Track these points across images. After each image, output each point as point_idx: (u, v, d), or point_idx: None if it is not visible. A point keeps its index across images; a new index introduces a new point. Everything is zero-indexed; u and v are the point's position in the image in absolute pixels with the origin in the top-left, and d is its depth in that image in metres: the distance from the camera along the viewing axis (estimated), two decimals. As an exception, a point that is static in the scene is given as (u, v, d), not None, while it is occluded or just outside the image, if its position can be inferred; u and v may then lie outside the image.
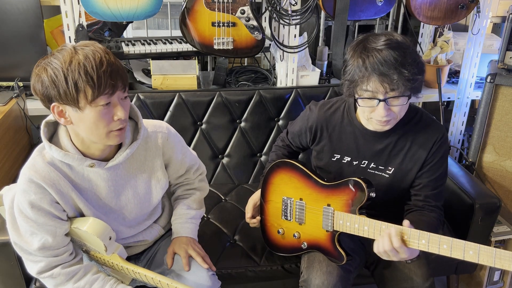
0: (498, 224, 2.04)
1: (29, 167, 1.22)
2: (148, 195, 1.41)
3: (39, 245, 1.24)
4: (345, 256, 1.43)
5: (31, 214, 1.22)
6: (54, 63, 1.12)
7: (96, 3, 1.90)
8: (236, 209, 1.96)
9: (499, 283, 2.10)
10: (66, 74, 1.10)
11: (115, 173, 1.32)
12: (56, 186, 1.23)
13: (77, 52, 1.12)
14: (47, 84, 1.12)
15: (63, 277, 1.28)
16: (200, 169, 1.60)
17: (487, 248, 1.16)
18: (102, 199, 1.33)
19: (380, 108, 1.33)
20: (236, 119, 2.15)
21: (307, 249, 1.54)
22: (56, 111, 1.16)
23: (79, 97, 1.11)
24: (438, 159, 1.47)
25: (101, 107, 1.14)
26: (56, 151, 1.21)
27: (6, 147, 1.89)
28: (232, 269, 1.67)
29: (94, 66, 1.10)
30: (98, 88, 1.11)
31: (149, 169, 1.39)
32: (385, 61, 1.27)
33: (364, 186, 1.37)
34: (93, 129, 1.17)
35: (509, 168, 2.24)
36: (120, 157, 1.28)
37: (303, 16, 2.11)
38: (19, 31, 2.06)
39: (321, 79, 2.38)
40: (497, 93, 2.20)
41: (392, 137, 1.48)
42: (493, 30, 2.84)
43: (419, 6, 2.17)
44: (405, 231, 1.28)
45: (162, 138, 1.39)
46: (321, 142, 1.59)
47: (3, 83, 2.11)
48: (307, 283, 1.47)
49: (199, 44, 2.05)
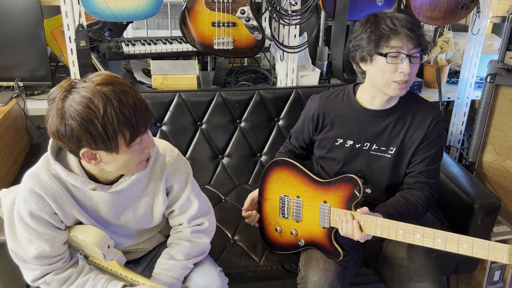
0: (498, 224, 2.04)
1: (32, 177, 1.20)
2: (148, 216, 1.38)
3: (36, 254, 1.23)
4: (341, 252, 1.44)
5: (30, 223, 1.21)
6: (83, 112, 1.03)
7: (96, 3, 1.90)
8: (236, 209, 1.96)
9: (499, 283, 2.10)
10: (104, 124, 1.04)
11: (117, 197, 1.29)
12: (57, 200, 1.21)
13: (108, 97, 1.04)
14: (80, 134, 1.05)
15: (55, 284, 1.28)
16: (200, 221, 1.42)
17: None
18: (102, 217, 1.32)
19: (405, 63, 1.40)
20: (236, 119, 2.15)
21: (304, 246, 1.55)
22: (87, 156, 1.12)
23: (119, 142, 1.09)
24: (434, 136, 1.53)
25: (136, 145, 1.14)
26: (60, 170, 1.19)
27: (6, 147, 1.89)
28: (232, 269, 1.67)
29: (131, 111, 1.06)
30: (137, 131, 1.10)
31: (151, 193, 1.34)
32: (410, 20, 1.39)
33: (359, 182, 1.39)
34: (126, 166, 1.17)
35: (509, 168, 2.24)
36: (124, 183, 1.25)
37: (303, 16, 2.11)
38: (19, 31, 2.06)
39: (321, 79, 2.38)
40: (497, 93, 2.20)
41: (392, 117, 1.54)
42: (493, 30, 2.84)
43: (419, 6, 2.17)
44: (360, 218, 1.36)
45: (169, 161, 1.34)
46: (323, 130, 1.62)
47: (3, 83, 2.11)
48: (304, 280, 1.47)
49: (199, 44, 2.05)
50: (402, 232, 1.30)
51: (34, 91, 2.23)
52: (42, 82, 2.17)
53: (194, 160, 2.11)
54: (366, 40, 1.43)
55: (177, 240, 1.41)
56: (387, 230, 1.32)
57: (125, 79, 1.14)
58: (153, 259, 1.51)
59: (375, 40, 1.41)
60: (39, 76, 2.15)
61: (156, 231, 1.50)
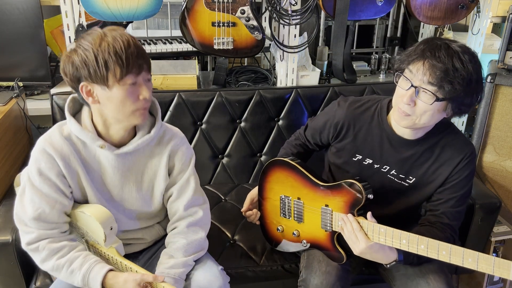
0: (498, 224, 2.04)
1: (45, 138, 1.30)
2: (149, 194, 1.42)
3: (35, 215, 1.27)
4: (345, 256, 1.43)
5: (37, 181, 1.27)
6: (84, 45, 1.19)
7: (96, 3, 1.90)
8: (236, 209, 1.96)
9: (499, 283, 2.10)
10: (96, 54, 1.17)
11: (123, 162, 1.35)
12: (66, 160, 1.29)
13: (106, 35, 1.20)
14: (77, 64, 1.19)
15: (47, 252, 1.29)
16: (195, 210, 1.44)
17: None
18: (106, 185, 1.37)
19: (408, 94, 1.28)
20: (236, 119, 2.15)
21: (308, 247, 1.54)
22: (85, 91, 1.22)
23: (108, 75, 1.18)
24: (463, 177, 1.42)
25: (128, 86, 1.21)
26: (75, 125, 1.29)
27: (6, 147, 1.89)
28: (232, 269, 1.67)
29: (122, 47, 1.18)
30: (126, 67, 1.18)
31: (155, 168, 1.40)
32: (450, 58, 1.23)
33: (361, 188, 1.35)
34: (120, 107, 1.23)
35: (509, 168, 2.24)
36: (131, 145, 1.33)
37: (303, 16, 2.11)
38: (19, 31, 2.06)
39: (321, 79, 2.38)
40: (497, 93, 2.20)
41: (419, 147, 1.44)
42: (493, 30, 2.84)
43: (419, 6, 2.17)
44: (363, 224, 1.33)
45: (174, 142, 1.41)
46: (344, 140, 1.53)
47: (3, 83, 2.11)
48: (305, 283, 1.46)
49: (199, 44, 2.05)
50: (406, 241, 1.26)
51: (34, 91, 2.24)
52: (42, 82, 2.17)
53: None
54: (406, 52, 1.33)
55: (173, 238, 1.42)
56: (390, 238, 1.29)
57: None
58: (153, 257, 1.52)
59: (406, 56, 1.31)
60: (39, 76, 2.15)
61: (155, 221, 1.51)
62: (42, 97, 2.23)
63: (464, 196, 1.45)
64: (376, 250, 1.33)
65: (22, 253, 1.55)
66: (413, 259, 1.38)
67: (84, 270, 1.27)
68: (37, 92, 2.24)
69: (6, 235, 1.54)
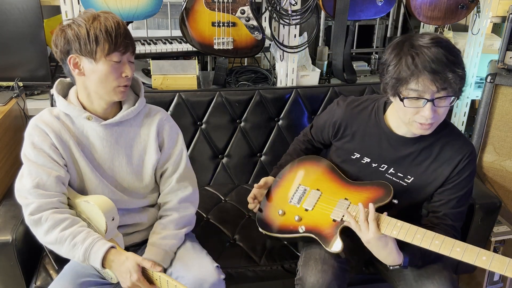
0: (498, 224, 2.04)
1: (36, 118, 1.40)
2: (140, 168, 1.49)
3: (33, 184, 1.32)
4: (342, 244, 1.39)
5: (32, 154, 1.35)
6: (78, 21, 1.31)
7: (96, 3, 1.90)
8: (236, 209, 1.96)
9: (499, 283, 2.10)
10: (89, 29, 1.29)
11: (111, 133, 1.43)
12: (57, 132, 1.38)
13: (99, 15, 1.32)
14: (70, 37, 1.30)
15: (51, 222, 1.31)
16: (186, 185, 1.51)
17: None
18: (97, 159, 1.44)
19: (427, 109, 1.25)
20: (236, 119, 2.15)
21: (303, 233, 1.50)
22: (72, 62, 1.33)
23: (97, 49, 1.29)
24: (463, 178, 1.42)
25: (113, 62, 1.32)
26: (62, 101, 1.39)
27: (6, 147, 1.89)
28: (232, 269, 1.67)
29: (113, 26, 1.30)
30: (114, 45, 1.30)
31: (144, 142, 1.48)
32: (436, 58, 1.22)
33: (391, 191, 1.37)
34: (103, 81, 1.33)
35: (509, 168, 2.24)
36: (117, 116, 1.42)
37: (303, 16, 2.11)
38: (19, 31, 2.06)
39: (321, 79, 2.38)
40: (497, 93, 2.20)
41: (418, 145, 1.44)
42: (493, 30, 2.84)
43: (419, 6, 2.17)
44: (380, 217, 1.31)
45: (161, 117, 1.50)
46: (342, 139, 1.56)
47: (3, 83, 2.11)
48: (302, 281, 1.46)
49: (199, 44, 2.05)
50: (421, 236, 1.25)
51: (34, 91, 2.23)
52: (42, 82, 2.17)
53: (194, 160, 2.10)
54: (389, 75, 1.29)
55: (165, 212, 1.51)
56: (404, 231, 1.27)
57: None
58: None
59: (395, 80, 1.27)
60: (39, 76, 2.15)
61: (148, 201, 1.54)
62: (42, 97, 2.23)
63: (465, 197, 1.44)
64: (383, 246, 1.32)
65: (22, 253, 1.56)
66: (417, 263, 1.38)
67: (86, 244, 1.30)
68: (37, 92, 2.24)
69: (6, 235, 1.54)
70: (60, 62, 1.37)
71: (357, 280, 1.67)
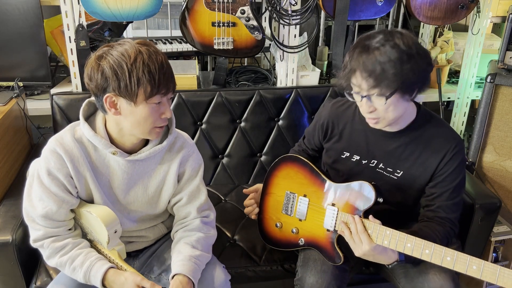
0: (498, 224, 2.04)
1: (57, 139, 1.31)
2: (156, 198, 1.44)
3: (43, 213, 1.29)
4: (342, 257, 1.43)
5: (46, 180, 1.29)
6: (117, 56, 1.18)
7: (96, 3, 1.90)
8: (236, 209, 1.96)
9: (499, 283, 2.10)
10: (131, 70, 1.17)
11: (133, 167, 1.36)
12: (75, 162, 1.30)
13: (141, 51, 1.19)
14: (108, 75, 1.18)
15: (50, 250, 1.32)
16: (207, 214, 1.49)
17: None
18: (114, 188, 1.38)
19: (363, 104, 1.34)
20: (236, 119, 2.15)
21: (304, 245, 1.54)
22: (109, 101, 1.22)
23: (139, 92, 1.19)
24: (453, 169, 1.42)
25: (154, 104, 1.23)
26: (88, 130, 1.30)
27: (6, 147, 1.89)
28: (232, 269, 1.67)
29: (156, 68, 1.19)
30: (157, 87, 1.20)
31: (164, 173, 1.41)
32: (372, 58, 1.26)
33: (372, 190, 1.36)
34: (141, 124, 1.25)
35: (509, 168, 2.24)
36: (143, 153, 1.34)
37: (303, 16, 2.11)
38: (19, 31, 2.06)
39: (321, 79, 2.38)
40: (497, 93, 2.20)
41: (403, 139, 1.45)
42: (493, 30, 2.84)
43: (419, 6, 2.17)
44: (369, 225, 1.32)
45: (186, 147, 1.43)
46: (331, 140, 1.59)
47: (3, 83, 2.11)
48: (301, 282, 1.47)
49: (199, 44, 2.05)
50: (411, 245, 1.27)
51: (34, 91, 2.24)
52: (42, 82, 2.17)
53: (194, 160, 2.11)
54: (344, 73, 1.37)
55: (189, 232, 1.42)
56: (395, 241, 1.29)
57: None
58: (153, 256, 1.52)
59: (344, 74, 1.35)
60: (39, 76, 2.15)
61: (159, 221, 1.52)
62: (42, 97, 2.23)
63: (458, 188, 1.45)
64: (379, 252, 1.34)
65: (22, 253, 1.56)
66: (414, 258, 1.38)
67: (85, 268, 1.30)
68: (37, 92, 2.24)
69: (6, 235, 1.54)
70: (93, 95, 1.26)
71: (357, 280, 1.67)
